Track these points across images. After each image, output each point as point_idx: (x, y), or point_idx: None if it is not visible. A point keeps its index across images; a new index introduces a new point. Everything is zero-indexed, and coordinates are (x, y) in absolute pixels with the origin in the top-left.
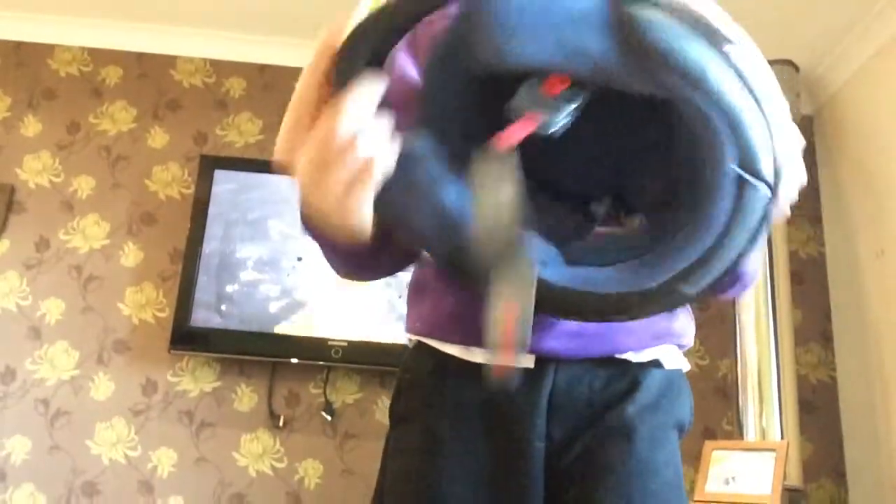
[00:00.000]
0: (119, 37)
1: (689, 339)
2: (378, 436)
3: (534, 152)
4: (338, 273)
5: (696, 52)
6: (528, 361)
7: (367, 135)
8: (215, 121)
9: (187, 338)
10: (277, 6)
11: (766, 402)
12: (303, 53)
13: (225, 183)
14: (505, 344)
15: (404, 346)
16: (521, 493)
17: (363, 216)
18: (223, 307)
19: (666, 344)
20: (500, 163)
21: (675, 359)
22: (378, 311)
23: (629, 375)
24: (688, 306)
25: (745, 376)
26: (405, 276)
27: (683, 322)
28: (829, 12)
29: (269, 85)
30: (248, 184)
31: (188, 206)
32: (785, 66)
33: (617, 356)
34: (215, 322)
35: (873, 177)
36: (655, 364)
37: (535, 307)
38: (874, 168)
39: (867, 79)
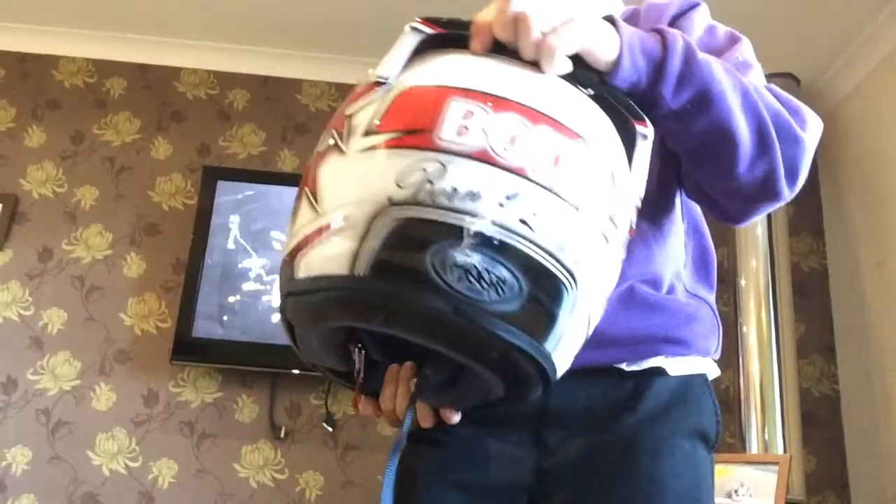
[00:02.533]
0: (123, 48)
1: (702, 346)
2: (379, 447)
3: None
4: None
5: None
6: None
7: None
8: (218, 132)
9: (189, 348)
10: (280, 18)
11: (769, 415)
12: (306, 65)
13: (228, 194)
14: None
15: None
16: (508, 496)
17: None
18: (225, 318)
19: (668, 355)
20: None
21: (685, 365)
22: None
23: (629, 383)
24: (712, 312)
25: (748, 389)
26: None
27: (697, 329)
28: (831, 26)
29: (272, 97)
30: (250, 195)
31: (191, 217)
32: (786, 80)
33: (613, 366)
34: (217, 333)
35: (874, 189)
36: (659, 372)
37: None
38: (875, 180)
39: (868, 92)
